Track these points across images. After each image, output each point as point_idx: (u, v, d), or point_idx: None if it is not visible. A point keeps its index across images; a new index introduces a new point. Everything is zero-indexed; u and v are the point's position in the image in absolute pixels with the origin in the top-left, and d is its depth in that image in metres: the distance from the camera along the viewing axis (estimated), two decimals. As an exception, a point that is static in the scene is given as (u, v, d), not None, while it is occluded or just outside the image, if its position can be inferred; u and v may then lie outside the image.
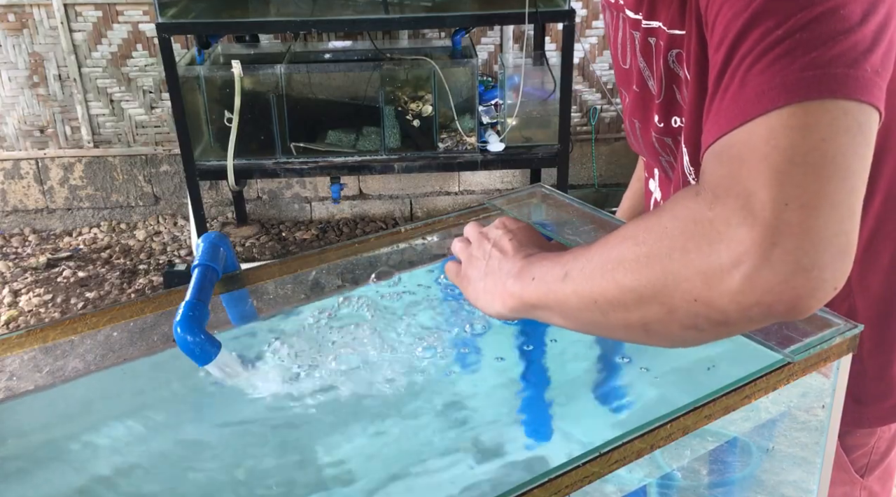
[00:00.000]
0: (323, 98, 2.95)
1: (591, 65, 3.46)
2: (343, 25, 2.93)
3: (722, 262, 0.61)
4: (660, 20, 0.88)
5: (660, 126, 0.95)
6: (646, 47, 0.93)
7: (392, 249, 1.05)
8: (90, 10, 3.28)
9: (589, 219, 1.06)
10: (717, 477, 1.02)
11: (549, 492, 0.64)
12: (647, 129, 0.98)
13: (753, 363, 0.77)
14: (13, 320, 3.00)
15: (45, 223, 3.62)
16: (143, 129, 3.49)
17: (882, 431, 1.05)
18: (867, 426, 1.04)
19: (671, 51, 0.88)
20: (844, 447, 1.03)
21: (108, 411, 0.86)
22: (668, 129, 0.94)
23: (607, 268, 0.68)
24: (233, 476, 0.76)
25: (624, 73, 1.03)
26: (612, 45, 1.06)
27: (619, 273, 0.67)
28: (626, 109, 1.06)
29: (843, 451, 1.03)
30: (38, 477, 0.77)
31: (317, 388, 0.84)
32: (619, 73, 1.06)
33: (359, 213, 3.67)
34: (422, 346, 0.89)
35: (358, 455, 0.77)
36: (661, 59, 0.90)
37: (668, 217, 0.66)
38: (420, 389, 0.85)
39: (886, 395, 1.02)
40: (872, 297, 0.94)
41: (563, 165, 2.89)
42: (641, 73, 0.95)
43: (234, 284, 0.96)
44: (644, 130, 1.00)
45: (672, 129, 0.93)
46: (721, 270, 0.61)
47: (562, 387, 0.86)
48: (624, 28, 0.98)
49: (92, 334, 0.90)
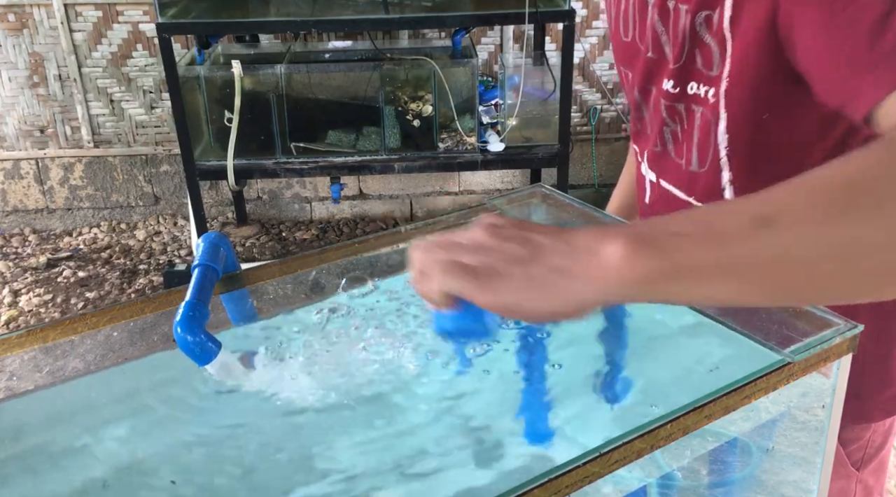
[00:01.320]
0: (323, 98, 2.95)
1: (592, 65, 3.46)
2: (343, 25, 2.93)
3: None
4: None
5: (673, 91, 0.95)
6: (664, 11, 0.94)
7: (392, 249, 1.05)
8: (90, 10, 3.28)
9: (589, 219, 1.06)
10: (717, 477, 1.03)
11: (549, 492, 0.64)
12: (657, 96, 0.99)
13: (753, 363, 0.77)
14: (13, 320, 3.00)
15: (45, 223, 3.62)
16: (144, 129, 3.49)
17: (877, 425, 1.06)
18: (866, 421, 1.05)
19: (700, 13, 0.89)
20: (841, 441, 1.03)
21: (108, 411, 0.86)
22: (682, 96, 0.95)
23: (837, 200, 0.55)
24: (232, 476, 0.76)
25: (625, 47, 1.04)
26: (612, 21, 1.07)
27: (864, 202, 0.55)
28: (629, 84, 1.06)
29: (840, 445, 1.04)
30: (38, 477, 0.77)
31: (317, 387, 0.84)
32: (620, 50, 1.06)
33: (359, 213, 3.67)
34: (422, 346, 0.89)
35: (358, 455, 0.77)
36: (683, 23, 0.91)
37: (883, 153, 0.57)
38: (420, 389, 0.85)
39: (884, 387, 1.02)
40: None
41: (563, 165, 2.89)
42: (658, 37, 0.96)
43: (234, 284, 0.96)
44: (653, 97, 1.01)
45: (687, 96, 0.94)
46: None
47: (562, 387, 0.86)
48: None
49: (92, 334, 0.90)
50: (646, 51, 0.99)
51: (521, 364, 0.89)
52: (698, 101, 0.94)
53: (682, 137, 0.99)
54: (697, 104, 0.94)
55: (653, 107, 1.02)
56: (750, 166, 0.95)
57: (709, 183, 0.98)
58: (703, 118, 0.95)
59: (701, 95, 0.93)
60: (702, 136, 0.96)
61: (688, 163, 1.00)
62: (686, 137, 0.98)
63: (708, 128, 0.94)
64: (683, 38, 0.92)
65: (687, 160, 1.00)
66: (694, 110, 0.95)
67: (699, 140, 0.96)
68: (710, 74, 0.91)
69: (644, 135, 1.09)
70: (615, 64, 1.11)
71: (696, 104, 0.94)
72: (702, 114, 0.94)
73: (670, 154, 1.02)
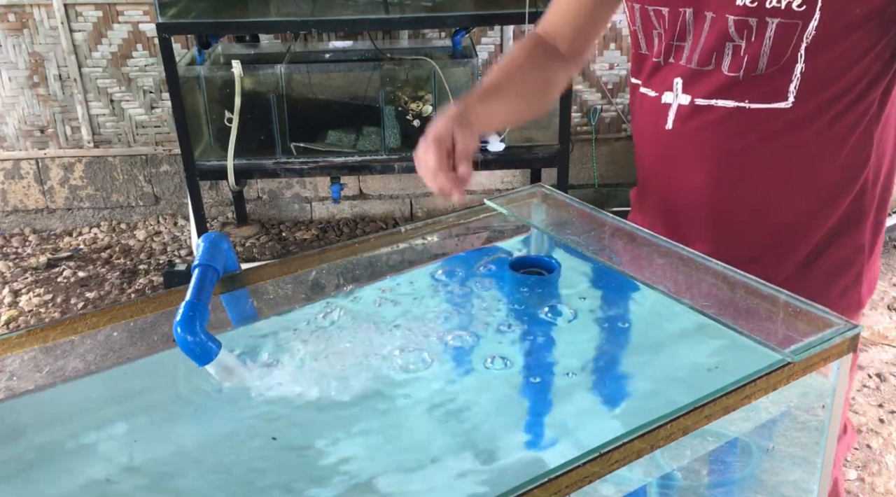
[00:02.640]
0: (323, 98, 2.95)
1: (592, 65, 3.46)
2: (343, 25, 2.93)
3: None
4: None
5: (752, 6, 1.02)
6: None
7: (392, 249, 1.05)
8: (90, 10, 3.28)
9: (589, 219, 1.06)
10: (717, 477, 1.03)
11: (549, 492, 0.64)
12: (720, 16, 1.05)
13: (753, 363, 0.77)
14: (13, 320, 3.00)
15: (45, 223, 3.62)
16: (144, 129, 3.49)
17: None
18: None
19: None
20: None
21: (108, 411, 0.86)
22: (759, 9, 1.02)
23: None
24: (232, 476, 0.76)
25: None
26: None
27: None
28: (665, 20, 1.11)
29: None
30: (38, 477, 0.77)
31: (316, 387, 0.84)
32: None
33: (359, 213, 3.67)
34: (422, 346, 0.89)
35: (358, 455, 0.77)
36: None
37: None
38: (420, 390, 0.85)
39: None
40: None
41: (563, 165, 2.89)
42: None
43: (234, 284, 0.96)
44: (711, 19, 1.06)
45: (764, 10, 1.02)
46: None
47: (562, 387, 0.86)
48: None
49: (92, 334, 0.90)
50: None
51: (522, 364, 0.89)
52: (776, 13, 1.01)
53: (744, 51, 1.05)
54: (774, 16, 1.02)
55: (707, 31, 1.07)
56: (822, 56, 1.03)
57: (773, 84, 1.06)
58: (779, 27, 1.02)
59: (782, 7, 1.00)
60: (777, 42, 1.03)
61: (749, 71, 1.06)
62: (751, 49, 1.05)
63: (789, 32, 1.02)
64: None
65: (748, 69, 1.06)
66: (768, 22, 1.02)
67: (773, 45, 1.03)
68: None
69: (669, 68, 1.13)
70: (636, 7, 1.15)
71: (773, 16, 1.02)
72: (778, 24, 1.02)
73: (723, 70, 1.07)
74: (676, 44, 1.12)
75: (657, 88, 1.15)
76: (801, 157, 1.09)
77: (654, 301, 0.94)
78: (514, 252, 1.09)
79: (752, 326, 0.83)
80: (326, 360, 0.88)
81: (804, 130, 1.07)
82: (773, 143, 1.08)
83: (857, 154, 1.09)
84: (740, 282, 0.90)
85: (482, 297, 0.99)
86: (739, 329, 0.83)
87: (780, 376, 0.76)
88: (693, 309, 0.88)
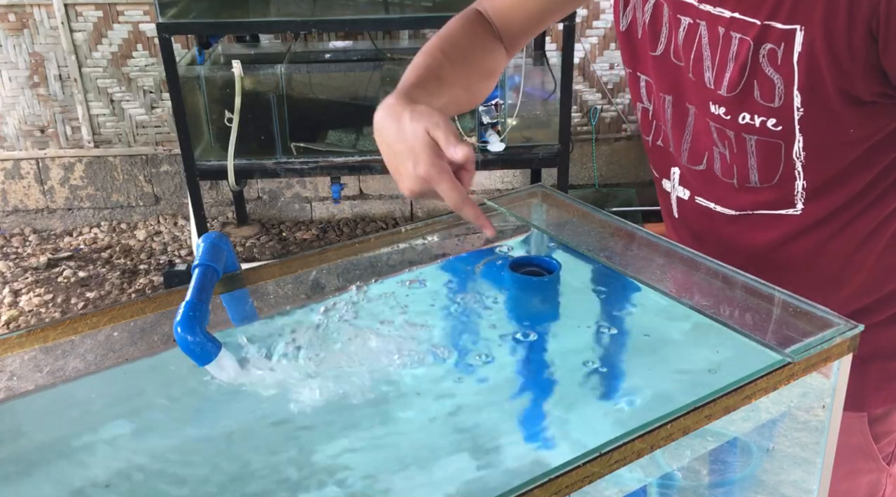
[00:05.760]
0: (323, 98, 2.95)
1: (592, 65, 3.46)
2: (343, 25, 2.93)
3: None
4: (751, 14, 0.87)
5: (725, 118, 0.93)
6: (714, 36, 0.91)
7: (392, 249, 1.05)
8: (91, 10, 3.28)
9: (589, 219, 1.06)
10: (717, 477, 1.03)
11: (549, 492, 0.64)
12: (701, 118, 0.96)
13: (753, 363, 0.77)
14: (13, 320, 3.00)
15: (45, 223, 3.62)
16: (144, 129, 3.49)
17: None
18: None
19: (763, 45, 0.87)
20: (874, 435, 1.03)
21: (108, 411, 0.86)
22: (733, 123, 0.92)
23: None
24: (232, 476, 0.76)
25: (653, 60, 1.00)
26: (641, 30, 1.02)
27: None
28: (649, 91, 1.03)
29: (872, 440, 1.03)
30: (38, 477, 0.77)
31: (317, 387, 0.84)
32: (642, 58, 1.03)
33: (359, 213, 3.67)
34: (422, 346, 0.89)
35: (357, 455, 0.77)
36: (739, 53, 0.89)
37: None
38: (420, 390, 0.85)
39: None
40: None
41: (563, 165, 2.89)
42: (702, 59, 0.93)
43: (234, 284, 0.96)
44: (694, 117, 0.97)
45: (738, 125, 0.92)
46: None
47: (561, 387, 0.86)
48: (671, 15, 0.96)
49: (92, 334, 0.90)
50: (686, 71, 0.96)
51: (522, 365, 0.89)
52: (751, 131, 0.92)
53: (730, 160, 0.96)
54: (750, 133, 0.92)
55: (693, 126, 0.98)
56: (824, 168, 0.93)
57: (774, 194, 0.96)
58: (759, 145, 0.92)
59: (756, 125, 0.91)
60: (763, 159, 0.93)
61: (742, 181, 0.97)
62: (737, 159, 0.95)
63: (773, 150, 0.92)
64: (742, 70, 0.89)
65: (741, 178, 0.97)
66: (746, 138, 0.93)
67: (759, 162, 0.94)
68: (769, 106, 0.89)
69: (666, 152, 1.05)
70: (626, 66, 1.07)
71: (749, 133, 0.92)
72: (757, 141, 0.92)
73: (716, 172, 0.99)
74: (666, 130, 1.03)
75: (658, 169, 1.08)
76: (838, 247, 0.97)
77: (654, 301, 0.94)
78: (515, 252, 1.09)
79: (753, 326, 0.83)
80: (326, 360, 0.88)
81: (829, 225, 0.96)
82: (804, 238, 0.97)
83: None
84: (740, 282, 0.90)
85: (482, 297, 0.99)
86: (740, 329, 0.83)
87: (780, 376, 0.76)
88: (693, 309, 0.88)
